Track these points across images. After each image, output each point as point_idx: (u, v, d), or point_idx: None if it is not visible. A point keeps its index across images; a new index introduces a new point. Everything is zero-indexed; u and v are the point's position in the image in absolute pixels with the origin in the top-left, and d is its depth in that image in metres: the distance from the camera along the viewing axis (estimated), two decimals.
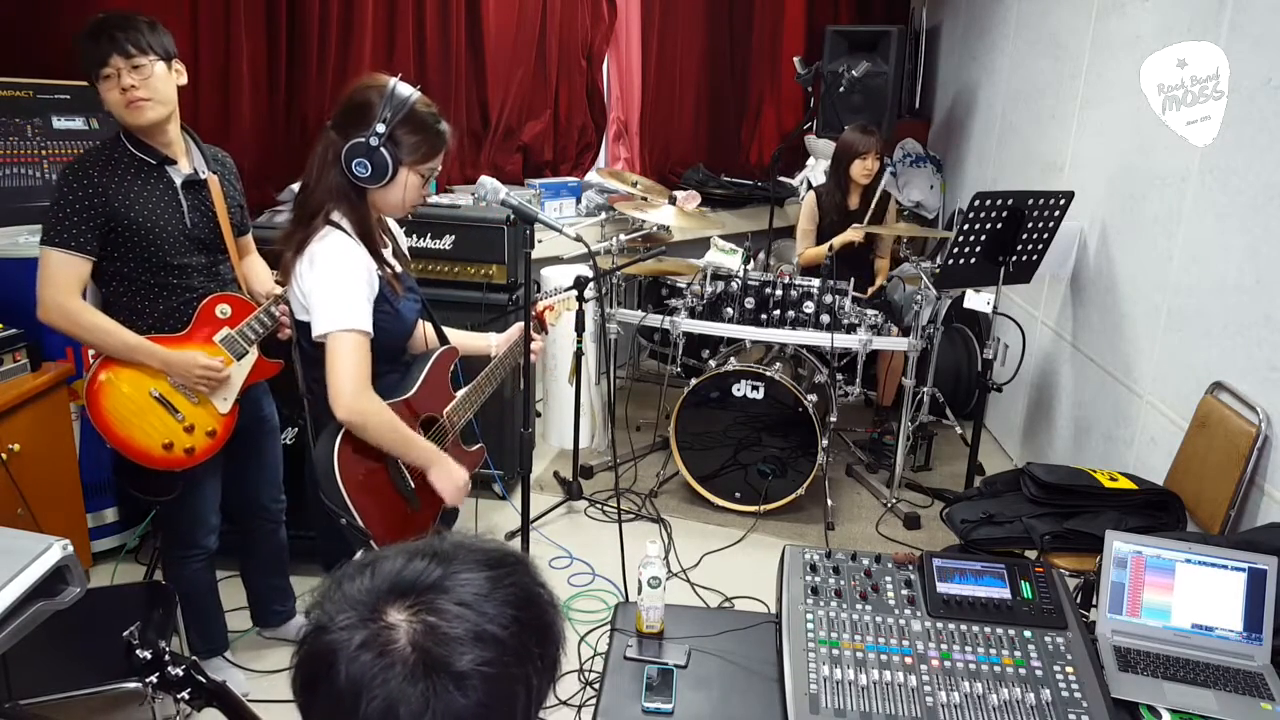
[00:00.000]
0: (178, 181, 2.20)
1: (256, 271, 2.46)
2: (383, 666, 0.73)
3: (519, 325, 2.31)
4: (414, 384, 2.03)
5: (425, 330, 2.19)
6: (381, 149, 1.84)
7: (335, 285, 1.84)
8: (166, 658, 1.36)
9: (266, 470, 2.59)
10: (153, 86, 2.09)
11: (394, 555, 0.81)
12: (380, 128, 1.82)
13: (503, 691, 0.76)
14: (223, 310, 2.26)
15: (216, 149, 2.37)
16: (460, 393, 2.17)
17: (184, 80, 2.20)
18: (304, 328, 1.89)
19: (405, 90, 1.87)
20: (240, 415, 2.32)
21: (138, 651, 1.35)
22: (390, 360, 2.05)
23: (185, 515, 2.39)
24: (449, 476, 2.02)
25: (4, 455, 2.44)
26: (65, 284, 2.10)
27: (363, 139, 1.83)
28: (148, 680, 1.36)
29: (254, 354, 2.30)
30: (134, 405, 2.17)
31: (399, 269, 2.04)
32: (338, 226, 1.87)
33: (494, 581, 0.79)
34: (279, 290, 2.34)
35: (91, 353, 2.86)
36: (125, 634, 1.37)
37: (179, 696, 1.36)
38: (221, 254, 2.30)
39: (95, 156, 2.13)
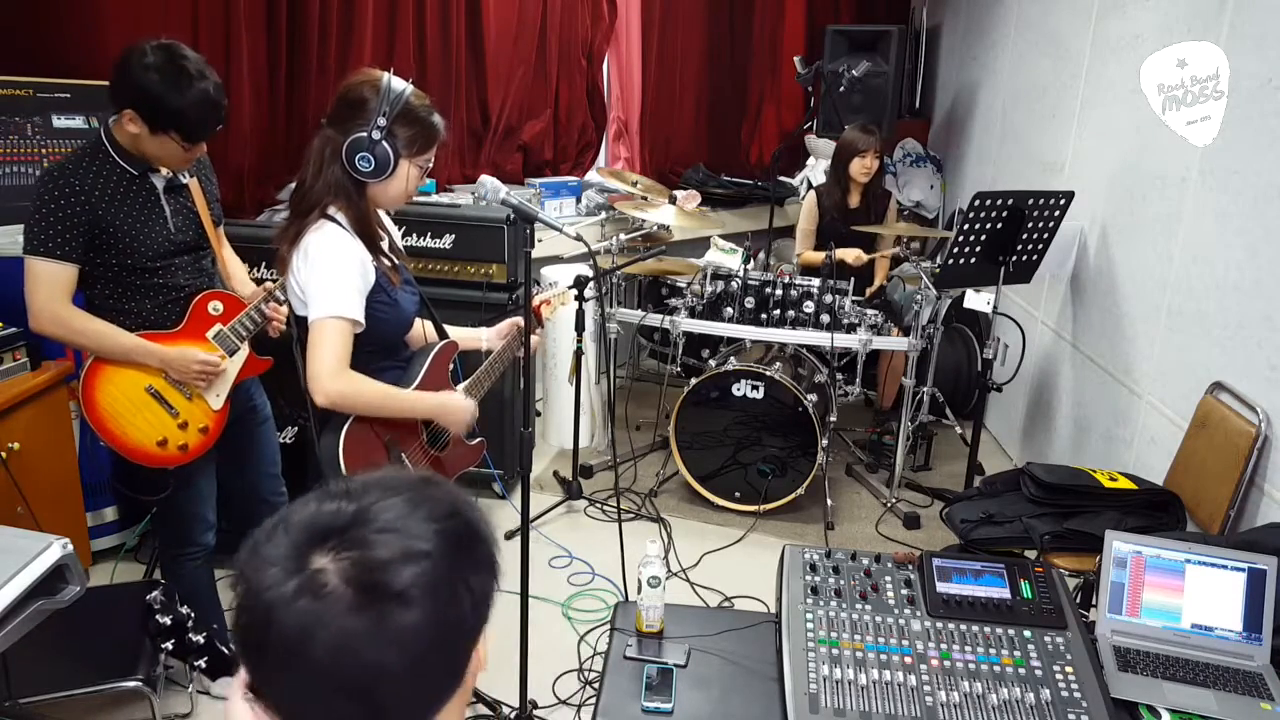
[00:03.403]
0: (160, 186, 2.19)
1: (233, 270, 2.46)
2: (323, 607, 0.72)
3: (511, 320, 2.31)
4: (414, 379, 2.04)
5: (424, 327, 2.20)
6: (383, 143, 1.85)
7: (326, 274, 1.85)
8: (189, 624, 1.34)
9: (264, 460, 2.57)
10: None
11: (303, 504, 0.80)
12: (381, 121, 1.84)
13: (445, 598, 0.76)
14: (215, 307, 2.27)
15: None
16: (460, 387, 2.18)
17: None
18: (304, 322, 1.90)
19: (399, 84, 1.88)
20: (231, 409, 2.32)
21: (158, 616, 1.33)
22: (390, 355, 2.06)
23: (182, 513, 2.38)
24: (455, 414, 2.06)
25: (4, 454, 2.44)
26: (54, 292, 2.06)
27: (364, 134, 1.84)
28: (165, 645, 1.34)
29: (245, 350, 2.31)
30: (129, 401, 2.16)
31: (396, 262, 2.05)
32: (332, 220, 1.88)
33: (412, 503, 0.79)
34: (257, 289, 2.35)
35: None
36: (148, 597, 1.35)
37: (195, 664, 1.34)
38: (205, 249, 2.31)
39: (76, 163, 2.08)
